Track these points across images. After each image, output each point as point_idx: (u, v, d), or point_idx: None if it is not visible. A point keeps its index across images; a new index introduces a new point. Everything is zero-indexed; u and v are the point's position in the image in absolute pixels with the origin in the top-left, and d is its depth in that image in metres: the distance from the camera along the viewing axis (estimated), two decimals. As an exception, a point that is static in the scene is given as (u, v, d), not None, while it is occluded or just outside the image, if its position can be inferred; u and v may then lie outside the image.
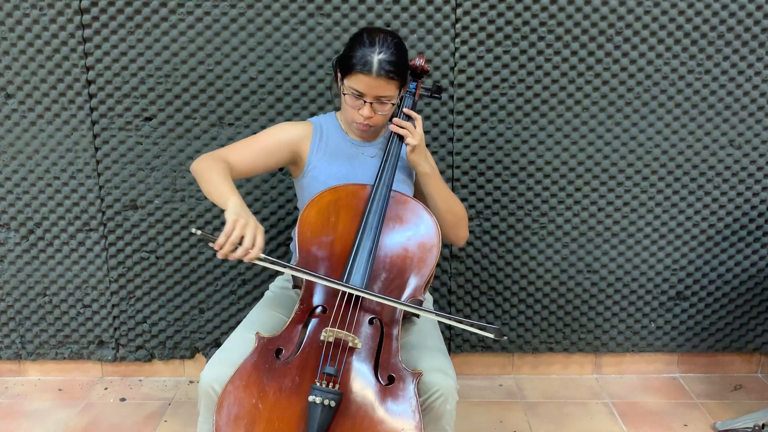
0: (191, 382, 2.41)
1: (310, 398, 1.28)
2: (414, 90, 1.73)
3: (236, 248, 1.36)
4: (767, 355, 2.44)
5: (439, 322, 1.72)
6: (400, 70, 1.56)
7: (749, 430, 2.06)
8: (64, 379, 2.42)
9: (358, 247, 1.48)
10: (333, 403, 1.28)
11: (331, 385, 1.31)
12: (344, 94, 1.59)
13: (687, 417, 2.18)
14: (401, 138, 1.64)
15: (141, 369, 2.44)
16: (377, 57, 1.51)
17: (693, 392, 2.33)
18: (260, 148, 1.66)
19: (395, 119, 1.63)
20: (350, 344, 1.37)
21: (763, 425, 2.05)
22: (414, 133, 1.60)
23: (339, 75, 1.61)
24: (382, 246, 1.51)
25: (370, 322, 1.43)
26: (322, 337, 1.38)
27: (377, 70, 1.51)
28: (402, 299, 1.47)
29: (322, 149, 1.70)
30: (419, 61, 1.74)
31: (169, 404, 2.27)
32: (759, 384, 2.39)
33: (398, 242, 1.53)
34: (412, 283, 1.49)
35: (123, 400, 2.30)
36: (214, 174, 1.50)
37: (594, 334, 2.38)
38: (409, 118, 1.66)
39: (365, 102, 1.56)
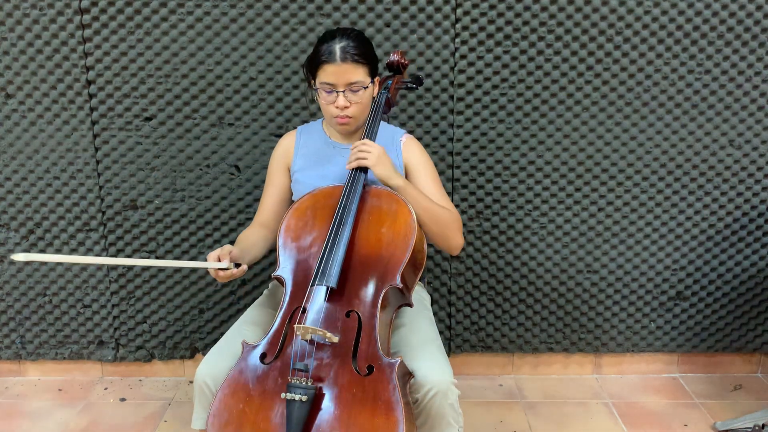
0: (191, 382, 2.41)
1: (283, 395, 1.31)
2: (389, 86, 1.74)
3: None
4: (767, 355, 2.44)
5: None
6: (364, 53, 1.60)
7: (749, 430, 2.06)
8: (64, 379, 2.43)
9: (333, 243, 1.48)
10: (305, 398, 1.29)
11: (304, 380, 1.32)
12: (318, 95, 1.64)
13: (687, 417, 2.18)
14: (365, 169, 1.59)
15: (141, 369, 2.44)
16: (339, 45, 1.57)
17: (693, 392, 2.33)
18: (272, 191, 1.79)
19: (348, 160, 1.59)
20: (326, 339, 1.38)
21: (763, 425, 2.05)
22: (367, 155, 1.56)
23: (310, 78, 1.65)
24: (357, 239, 1.51)
25: (347, 314, 1.44)
26: (297, 335, 1.40)
27: (341, 56, 1.57)
28: (384, 289, 1.46)
29: (301, 155, 1.76)
30: (395, 57, 1.79)
31: (169, 404, 2.27)
32: (759, 384, 2.39)
33: (374, 233, 1.52)
34: (393, 271, 1.47)
35: (123, 400, 2.30)
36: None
37: (594, 334, 2.38)
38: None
39: (338, 93, 1.60)
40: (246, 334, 1.56)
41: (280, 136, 2.18)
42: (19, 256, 1.26)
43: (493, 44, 2.12)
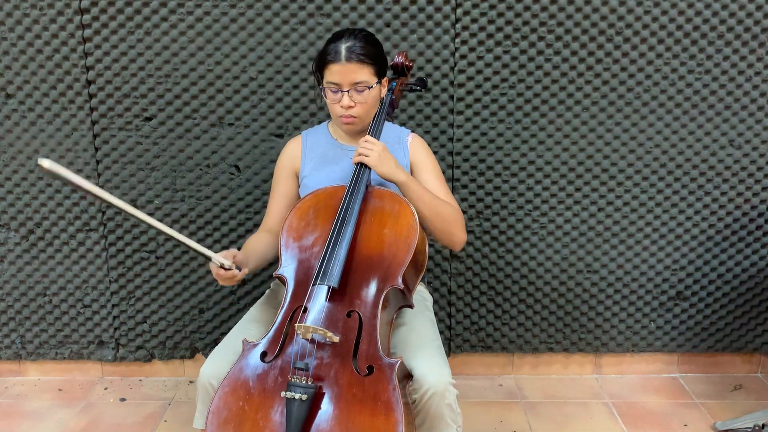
0: (191, 382, 2.41)
1: (282, 394, 1.31)
2: (393, 88, 1.76)
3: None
4: (767, 355, 2.44)
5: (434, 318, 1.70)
6: (370, 53, 1.60)
7: (749, 430, 2.06)
8: (64, 379, 2.43)
9: (335, 243, 1.49)
10: (305, 397, 1.30)
11: (304, 379, 1.33)
12: (325, 95, 1.64)
13: (687, 417, 2.18)
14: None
15: (141, 369, 2.44)
16: (345, 45, 1.59)
17: (693, 392, 2.33)
18: (279, 197, 1.78)
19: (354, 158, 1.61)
20: (327, 339, 1.38)
21: (763, 425, 2.05)
22: (369, 152, 1.57)
23: (319, 77, 1.65)
24: (359, 239, 1.52)
25: (348, 314, 1.44)
26: (297, 334, 1.40)
27: (346, 56, 1.58)
28: (385, 289, 1.47)
29: (309, 159, 1.76)
30: (399, 59, 1.81)
31: (169, 404, 2.27)
32: (759, 384, 2.39)
33: (376, 233, 1.53)
34: (394, 272, 1.48)
35: (123, 400, 2.30)
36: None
37: (594, 334, 2.38)
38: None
39: (342, 92, 1.60)
40: (249, 332, 1.57)
41: (280, 136, 2.18)
42: (45, 162, 1.14)
43: (493, 44, 2.12)
